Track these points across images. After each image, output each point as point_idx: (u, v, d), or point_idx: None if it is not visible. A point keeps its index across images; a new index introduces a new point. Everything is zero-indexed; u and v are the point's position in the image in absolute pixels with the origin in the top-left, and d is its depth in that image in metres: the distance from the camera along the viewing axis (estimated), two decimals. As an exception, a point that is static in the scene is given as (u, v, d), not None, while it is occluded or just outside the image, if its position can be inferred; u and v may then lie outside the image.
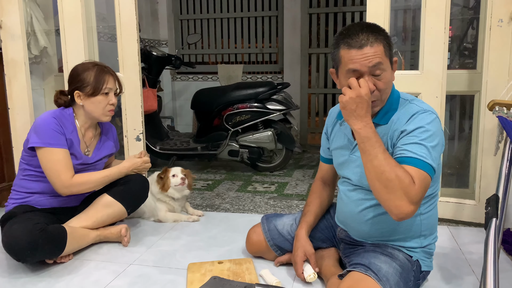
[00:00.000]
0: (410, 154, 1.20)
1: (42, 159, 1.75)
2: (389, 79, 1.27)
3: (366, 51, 1.21)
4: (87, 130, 1.92)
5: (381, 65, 1.23)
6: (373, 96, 1.25)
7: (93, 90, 1.81)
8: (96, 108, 1.84)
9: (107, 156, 2.01)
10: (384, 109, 1.34)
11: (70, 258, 1.76)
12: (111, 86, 1.85)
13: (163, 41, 4.71)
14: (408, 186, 1.14)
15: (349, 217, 1.46)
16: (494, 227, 1.18)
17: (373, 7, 2.04)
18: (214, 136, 3.32)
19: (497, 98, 1.90)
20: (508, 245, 1.80)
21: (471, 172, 2.28)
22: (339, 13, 4.43)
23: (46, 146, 1.74)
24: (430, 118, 1.26)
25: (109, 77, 1.85)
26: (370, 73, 1.24)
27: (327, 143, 1.59)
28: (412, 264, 1.36)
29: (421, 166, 1.18)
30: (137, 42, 2.34)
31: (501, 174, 1.38)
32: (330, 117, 1.58)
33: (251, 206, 2.52)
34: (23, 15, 2.42)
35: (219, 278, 1.53)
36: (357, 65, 1.23)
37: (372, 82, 1.24)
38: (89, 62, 1.89)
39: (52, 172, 1.74)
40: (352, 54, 1.23)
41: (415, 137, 1.23)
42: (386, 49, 1.25)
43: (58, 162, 1.74)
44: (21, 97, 2.45)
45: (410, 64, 2.97)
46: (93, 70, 1.82)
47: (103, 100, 1.83)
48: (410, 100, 1.35)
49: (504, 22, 1.91)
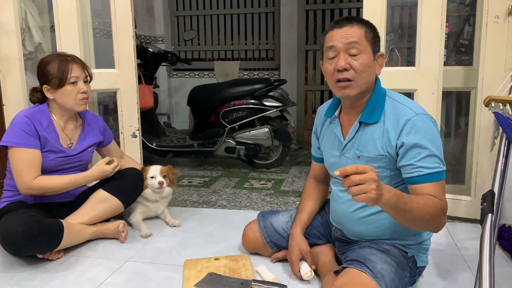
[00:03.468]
0: (426, 171, 1.22)
1: (9, 158, 1.77)
2: (367, 63, 1.27)
3: (346, 30, 1.27)
4: (67, 123, 1.90)
5: (358, 45, 1.25)
6: (347, 74, 1.26)
7: (59, 81, 1.78)
8: (67, 99, 1.81)
9: (93, 145, 1.99)
10: (369, 106, 1.33)
11: (60, 256, 1.74)
12: (77, 74, 1.81)
13: (159, 38, 4.68)
14: (441, 209, 1.21)
15: (343, 217, 1.46)
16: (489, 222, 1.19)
17: (369, 4, 2.03)
18: (211, 133, 3.32)
19: (493, 94, 1.91)
20: (504, 241, 1.81)
21: (467, 168, 2.29)
22: (336, 10, 4.42)
23: (13, 145, 1.74)
24: (426, 122, 1.25)
25: (73, 65, 1.81)
26: (346, 51, 1.26)
27: (317, 143, 1.59)
28: (408, 260, 1.36)
29: (438, 177, 1.23)
30: (132, 38, 2.33)
31: (496, 170, 1.38)
32: (318, 116, 1.57)
33: (248, 202, 2.52)
34: (17, 10, 2.39)
35: (216, 275, 1.52)
36: (334, 42, 1.28)
37: (347, 61, 1.26)
38: (52, 54, 1.86)
39: (15, 171, 1.75)
40: (333, 33, 1.29)
41: (422, 149, 1.23)
42: (367, 35, 1.28)
43: (21, 162, 1.74)
44: (15, 94, 2.43)
45: (407, 60, 2.97)
46: (56, 61, 1.79)
47: (72, 90, 1.80)
48: (397, 99, 1.33)
49: (500, 19, 1.91)
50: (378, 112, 1.31)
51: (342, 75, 1.27)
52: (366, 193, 1.03)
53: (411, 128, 1.24)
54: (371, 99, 1.33)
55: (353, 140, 1.37)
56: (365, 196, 1.03)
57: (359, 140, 1.35)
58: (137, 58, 2.42)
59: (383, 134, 1.29)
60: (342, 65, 1.25)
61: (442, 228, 1.26)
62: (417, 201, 1.18)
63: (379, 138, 1.30)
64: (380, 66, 1.33)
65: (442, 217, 1.23)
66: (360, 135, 1.35)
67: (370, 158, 1.32)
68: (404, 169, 1.26)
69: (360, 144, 1.35)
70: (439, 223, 1.24)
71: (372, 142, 1.31)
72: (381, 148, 1.30)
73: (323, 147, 1.53)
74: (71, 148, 1.89)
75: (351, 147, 1.37)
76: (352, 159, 1.37)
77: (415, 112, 1.26)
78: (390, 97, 1.34)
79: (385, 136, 1.29)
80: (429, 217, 1.19)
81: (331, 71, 1.30)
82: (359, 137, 1.35)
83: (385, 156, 1.29)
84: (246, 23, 4.70)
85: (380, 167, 1.31)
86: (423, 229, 1.32)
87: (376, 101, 1.33)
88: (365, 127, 1.34)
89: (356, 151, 1.35)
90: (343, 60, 1.26)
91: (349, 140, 1.37)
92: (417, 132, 1.23)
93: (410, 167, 1.24)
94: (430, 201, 1.20)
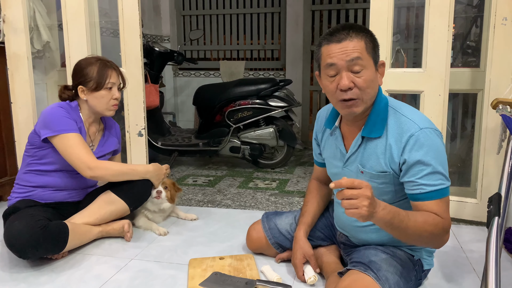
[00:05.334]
0: (428, 188, 1.19)
1: (59, 147, 1.76)
2: (370, 78, 1.20)
3: (345, 45, 1.18)
4: (91, 125, 1.93)
5: (360, 61, 1.17)
6: (351, 94, 1.19)
7: (96, 84, 1.82)
8: (100, 102, 1.84)
9: (110, 152, 2.01)
10: (372, 120, 1.27)
11: (65, 255, 1.75)
12: (114, 81, 1.86)
13: (165, 37, 4.69)
14: (442, 228, 1.19)
15: (347, 225, 1.45)
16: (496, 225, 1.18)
17: (376, 4, 2.03)
18: (216, 132, 3.32)
19: (500, 96, 1.90)
20: (510, 244, 1.80)
21: (473, 171, 2.28)
22: (342, 10, 4.41)
23: (60, 133, 1.74)
24: (430, 137, 1.20)
25: (112, 71, 1.85)
26: (348, 69, 1.18)
27: (318, 149, 1.55)
28: (414, 264, 1.35)
29: (441, 194, 1.20)
30: (139, 37, 2.34)
31: (503, 173, 1.38)
32: (318, 122, 1.52)
33: (252, 202, 2.52)
34: (26, 9, 2.42)
35: (220, 274, 1.53)
36: (334, 59, 1.18)
37: (351, 79, 1.18)
38: (92, 57, 1.89)
39: (74, 156, 1.75)
40: (330, 48, 1.19)
41: (425, 166, 1.18)
42: (368, 47, 1.20)
43: (77, 146, 1.75)
44: (23, 92, 2.45)
45: (413, 62, 2.96)
46: (96, 65, 1.83)
47: (106, 94, 1.84)
48: (400, 110, 1.27)
49: (508, 21, 1.90)
50: (381, 126, 1.26)
51: (346, 95, 1.20)
52: (357, 209, 1.02)
53: (414, 144, 1.19)
54: (373, 111, 1.27)
55: (356, 154, 1.33)
56: (356, 211, 1.02)
57: (362, 154, 1.31)
58: (143, 57, 2.42)
59: (386, 149, 1.25)
60: (346, 85, 1.18)
61: (443, 245, 1.24)
62: (414, 219, 1.15)
63: (382, 154, 1.26)
64: (382, 75, 1.27)
65: (442, 236, 1.20)
66: (363, 148, 1.31)
67: (373, 175, 1.28)
68: (407, 185, 1.23)
69: (363, 158, 1.31)
70: (439, 241, 1.22)
71: (375, 157, 1.28)
72: (384, 165, 1.26)
73: (325, 156, 1.49)
74: (92, 150, 1.91)
75: (354, 160, 1.34)
76: (355, 172, 1.33)
77: (419, 127, 1.21)
78: (393, 108, 1.28)
79: (388, 152, 1.24)
80: (427, 235, 1.17)
81: (333, 89, 1.22)
82: (362, 151, 1.31)
83: (388, 173, 1.26)
84: (252, 23, 4.70)
85: (384, 183, 1.29)
86: (422, 245, 1.30)
87: (378, 113, 1.27)
88: (368, 142, 1.29)
89: (359, 165, 1.32)
90: (346, 80, 1.18)
91: (352, 154, 1.34)
92: (420, 148, 1.19)
93: (412, 184, 1.21)
94: (430, 219, 1.17)
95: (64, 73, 2.51)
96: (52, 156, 1.81)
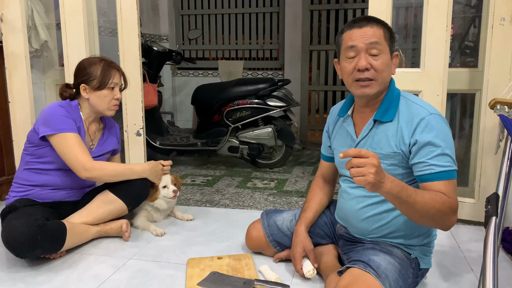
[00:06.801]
0: (438, 169, 1.23)
1: (57, 146, 1.76)
2: (386, 63, 1.30)
3: (366, 30, 1.29)
4: (91, 124, 1.93)
5: (378, 45, 1.28)
6: (368, 74, 1.29)
7: (99, 84, 1.82)
8: (101, 102, 1.85)
9: (109, 152, 2.01)
10: (384, 105, 1.35)
11: (62, 254, 1.74)
12: (116, 81, 1.87)
13: (163, 36, 4.69)
14: (449, 206, 1.21)
15: (349, 213, 1.46)
16: (493, 225, 1.19)
17: (375, 4, 2.03)
18: (214, 132, 3.32)
19: (498, 96, 1.90)
20: (507, 243, 1.80)
21: (471, 171, 2.28)
22: (341, 10, 4.41)
23: (59, 132, 1.75)
24: (439, 121, 1.27)
25: (116, 72, 1.87)
26: (367, 51, 1.29)
27: (328, 141, 1.60)
28: (410, 262, 1.36)
29: (450, 176, 1.24)
30: (138, 37, 2.33)
31: (501, 173, 1.38)
32: (331, 115, 1.59)
33: (251, 202, 2.52)
34: (24, 8, 2.41)
35: (218, 274, 1.53)
36: (355, 41, 1.29)
37: (368, 61, 1.28)
38: (96, 57, 1.90)
39: (71, 156, 1.75)
40: (352, 32, 1.31)
41: (435, 147, 1.24)
42: (386, 36, 1.31)
43: (74, 145, 1.75)
44: (21, 91, 2.44)
45: (411, 62, 2.96)
46: (100, 65, 1.84)
47: (108, 94, 1.84)
48: (411, 99, 1.36)
49: (506, 21, 1.91)
50: (393, 110, 1.34)
51: (363, 74, 1.29)
52: (364, 176, 1.06)
53: (425, 127, 1.26)
54: (386, 98, 1.36)
55: (366, 138, 1.38)
56: (363, 178, 1.06)
57: (372, 138, 1.36)
58: (141, 56, 2.42)
59: (397, 131, 1.31)
60: (364, 65, 1.28)
61: (451, 226, 1.25)
62: (422, 194, 1.18)
63: (392, 136, 1.31)
64: (395, 66, 1.36)
65: (450, 215, 1.22)
66: (373, 133, 1.36)
67: (383, 155, 1.32)
68: (416, 167, 1.27)
69: (373, 142, 1.36)
70: (447, 220, 1.23)
71: (386, 140, 1.33)
72: (394, 146, 1.31)
73: (335, 145, 1.54)
74: (92, 149, 1.91)
75: (363, 145, 1.38)
76: None
77: (429, 112, 1.28)
78: (404, 97, 1.37)
79: (399, 133, 1.30)
80: (434, 211, 1.18)
81: (350, 70, 1.32)
82: (372, 135, 1.37)
83: (398, 154, 1.30)
84: (251, 22, 4.70)
85: (392, 164, 1.32)
86: (430, 224, 1.30)
87: (391, 100, 1.35)
88: (379, 125, 1.35)
89: (368, 149, 1.36)
90: (364, 60, 1.28)
91: (362, 138, 1.39)
92: (431, 131, 1.25)
93: (422, 164, 1.25)
94: (437, 197, 1.20)
95: (62, 73, 2.50)
96: (51, 154, 1.81)
